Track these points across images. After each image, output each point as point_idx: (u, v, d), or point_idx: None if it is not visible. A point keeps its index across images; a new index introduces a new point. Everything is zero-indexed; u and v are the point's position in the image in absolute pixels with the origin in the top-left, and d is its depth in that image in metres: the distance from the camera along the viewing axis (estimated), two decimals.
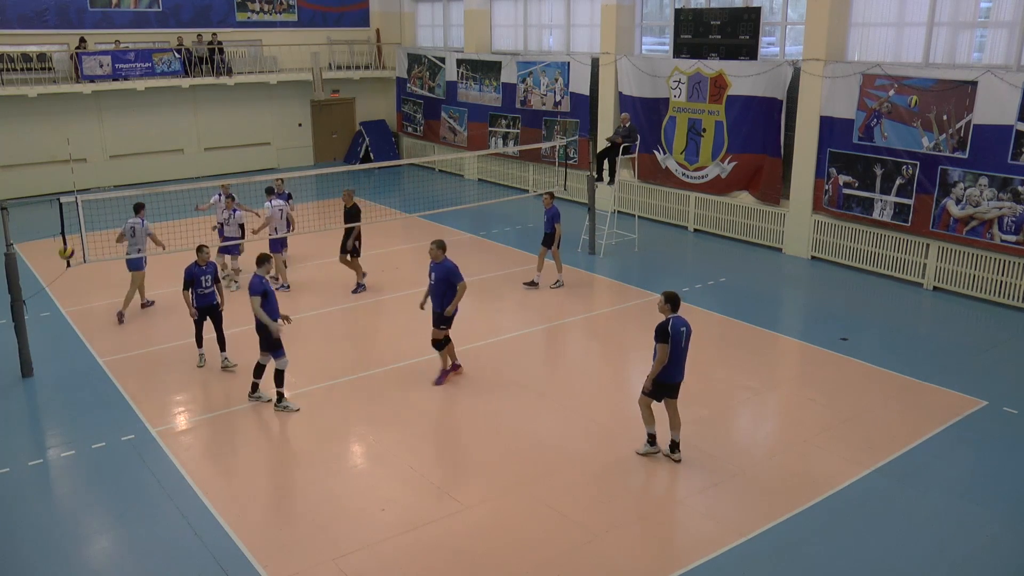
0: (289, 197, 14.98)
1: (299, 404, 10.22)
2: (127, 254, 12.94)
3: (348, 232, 13.99)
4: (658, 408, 8.82)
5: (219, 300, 11.23)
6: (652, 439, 8.97)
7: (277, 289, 14.01)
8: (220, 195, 14.52)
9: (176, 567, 7.25)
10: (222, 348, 11.13)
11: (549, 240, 14.15)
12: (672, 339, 8.36)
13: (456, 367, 10.95)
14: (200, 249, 11.11)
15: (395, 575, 7.17)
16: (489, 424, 9.71)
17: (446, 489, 8.32)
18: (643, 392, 8.70)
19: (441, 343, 10.68)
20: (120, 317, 12.96)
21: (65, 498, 8.50)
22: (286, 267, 14.71)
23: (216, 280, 11.18)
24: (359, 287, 14.24)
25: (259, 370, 10.14)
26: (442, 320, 10.54)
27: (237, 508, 8.05)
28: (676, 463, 8.79)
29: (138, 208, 13.03)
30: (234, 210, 14.33)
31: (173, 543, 7.57)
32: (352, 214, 14.02)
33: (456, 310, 10.52)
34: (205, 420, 9.89)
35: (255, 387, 10.24)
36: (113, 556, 7.53)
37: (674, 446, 8.88)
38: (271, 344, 9.79)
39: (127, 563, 7.39)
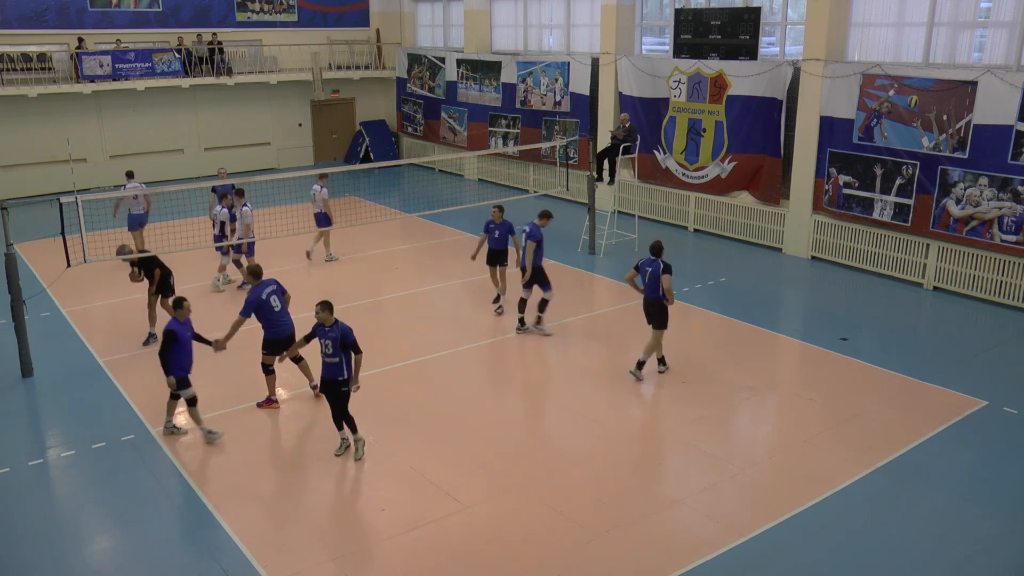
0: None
1: (299, 404, 10.24)
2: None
3: (163, 281, 11.87)
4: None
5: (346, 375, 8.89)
6: (638, 364, 10.71)
7: (241, 287, 13.90)
8: (221, 207, 14.07)
9: (176, 567, 7.25)
10: (339, 426, 9.11)
11: (498, 258, 13.12)
12: (639, 270, 10.60)
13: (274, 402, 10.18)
14: (322, 307, 8.76)
15: (395, 575, 7.18)
16: (489, 424, 9.71)
17: (446, 489, 8.32)
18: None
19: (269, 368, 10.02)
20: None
21: (65, 498, 8.50)
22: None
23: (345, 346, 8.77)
24: (151, 337, 12.10)
25: (522, 304, 12.14)
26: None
27: (237, 508, 8.05)
28: (638, 379, 10.72)
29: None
30: (244, 204, 13.97)
31: (173, 543, 7.57)
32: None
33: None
34: (205, 420, 9.87)
35: (522, 321, 12.23)
36: (113, 556, 7.53)
37: (639, 364, 10.77)
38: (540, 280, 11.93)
39: (127, 563, 7.39)
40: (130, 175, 16.05)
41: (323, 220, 15.59)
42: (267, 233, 14.91)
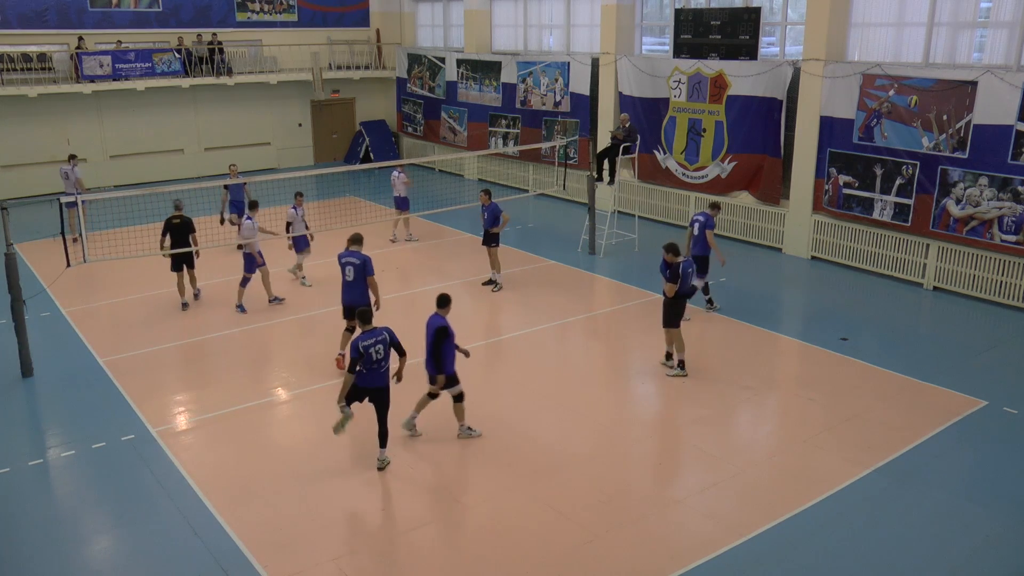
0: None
1: (299, 404, 10.26)
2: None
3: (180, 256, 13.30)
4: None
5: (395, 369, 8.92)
6: (682, 364, 10.82)
7: (271, 302, 13.61)
8: (295, 208, 14.33)
9: (176, 567, 7.25)
10: (382, 443, 8.77)
11: (492, 238, 14.04)
12: (682, 276, 10.54)
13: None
14: (362, 317, 8.57)
15: (395, 575, 7.18)
16: (489, 424, 9.70)
17: (446, 489, 8.32)
18: (671, 326, 10.75)
19: None
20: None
21: (65, 498, 8.50)
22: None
23: (396, 347, 8.60)
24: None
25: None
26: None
27: (237, 508, 8.05)
28: (664, 373, 10.94)
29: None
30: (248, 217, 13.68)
31: (173, 543, 7.57)
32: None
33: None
34: (205, 420, 9.89)
35: (711, 302, 13.07)
36: (113, 556, 7.53)
37: (669, 356, 11.06)
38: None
39: (127, 563, 7.39)
40: (70, 158, 17.67)
41: (404, 204, 17.23)
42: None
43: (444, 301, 9.04)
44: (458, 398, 9.24)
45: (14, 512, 8.09)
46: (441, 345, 8.86)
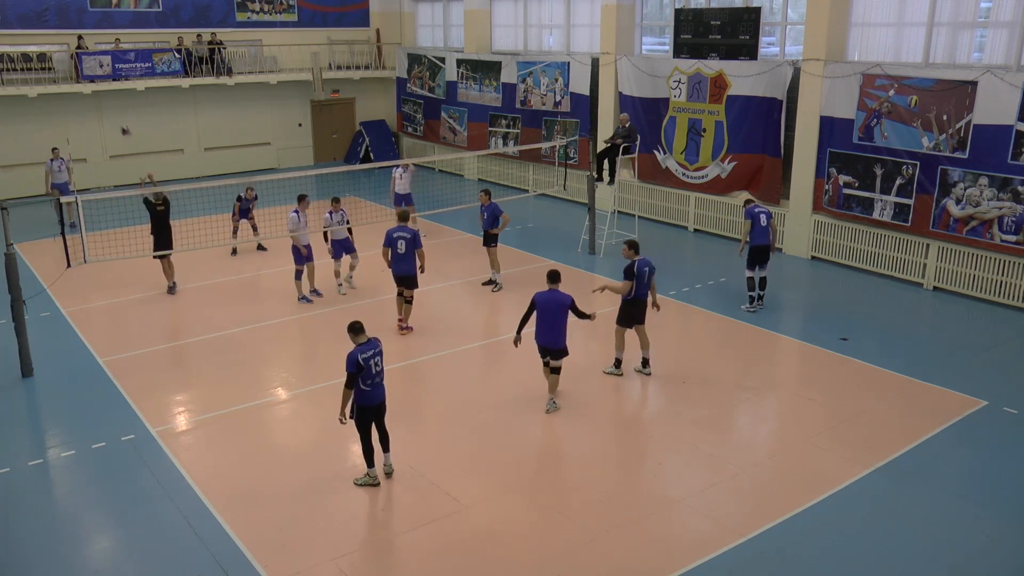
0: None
1: (299, 404, 10.26)
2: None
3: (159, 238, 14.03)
4: (631, 337, 10.91)
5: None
6: (618, 363, 10.86)
7: (312, 294, 13.81)
8: (331, 213, 14.03)
9: (176, 567, 7.26)
10: (385, 448, 8.62)
11: (491, 239, 14.14)
12: (636, 275, 10.46)
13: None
14: (354, 329, 8.21)
15: (395, 575, 7.18)
16: (489, 424, 9.71)
17: (446, 489, 8.32)
18: (626, 325, 10.71)
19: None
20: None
21: (65, 498, 8.50)
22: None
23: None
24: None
25: None
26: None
27: (237, 508, 8.05)
28: (647, 376, 10.83)
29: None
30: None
31: (173, 543, 7.57)
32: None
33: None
34: (205, 420, 9.90)
35: (752, 299, 13.17)
36: (113, 556, 7.54)
37: (644, 362, 10.86)
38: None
39: (127, 563, 7.40)
40: (55, 151, 19.11)
41: (404, 200, 17.23)
42: (270, 232, 14.92)
43: (557, 276, 9.82)
44: (557, 370, 9.86)
45: (14, 512, 8.09)
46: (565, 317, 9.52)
